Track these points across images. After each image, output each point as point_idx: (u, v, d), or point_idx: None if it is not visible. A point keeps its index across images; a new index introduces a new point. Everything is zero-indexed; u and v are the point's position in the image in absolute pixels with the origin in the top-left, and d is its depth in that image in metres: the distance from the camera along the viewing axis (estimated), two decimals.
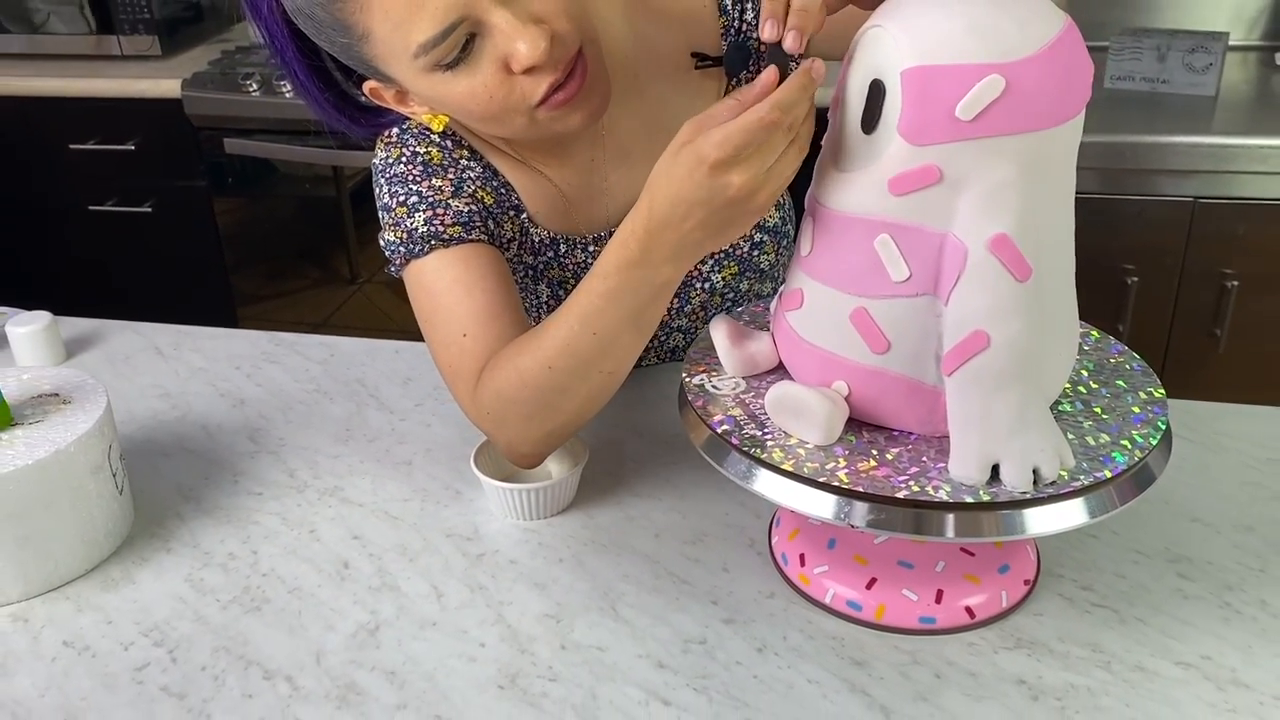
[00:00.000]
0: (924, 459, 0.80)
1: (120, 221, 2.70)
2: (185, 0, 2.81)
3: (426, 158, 1.07)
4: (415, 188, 1.05)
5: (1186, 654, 0.85)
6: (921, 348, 0.79)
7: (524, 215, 1.11)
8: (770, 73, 0.78)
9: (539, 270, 1.15)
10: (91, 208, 2.69)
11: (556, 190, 1.11)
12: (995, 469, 0.77)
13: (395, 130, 1.09)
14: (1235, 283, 2.07)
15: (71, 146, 2.62)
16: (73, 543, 0.96)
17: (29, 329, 1.29)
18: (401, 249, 1.04)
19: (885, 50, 0.75)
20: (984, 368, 0.75)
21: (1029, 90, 0.72)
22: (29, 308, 1.37)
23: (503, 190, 1.09)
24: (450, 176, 1.06)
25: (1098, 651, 0.85)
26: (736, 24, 1.11)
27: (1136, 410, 0.84)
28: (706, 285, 1.18)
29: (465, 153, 1.09)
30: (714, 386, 0.90)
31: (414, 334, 1.22)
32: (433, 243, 1.02)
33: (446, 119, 1.03)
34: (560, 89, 0.94)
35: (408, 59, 0.92)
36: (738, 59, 1.09)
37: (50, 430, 0.95)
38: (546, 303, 1.17)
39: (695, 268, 1.15)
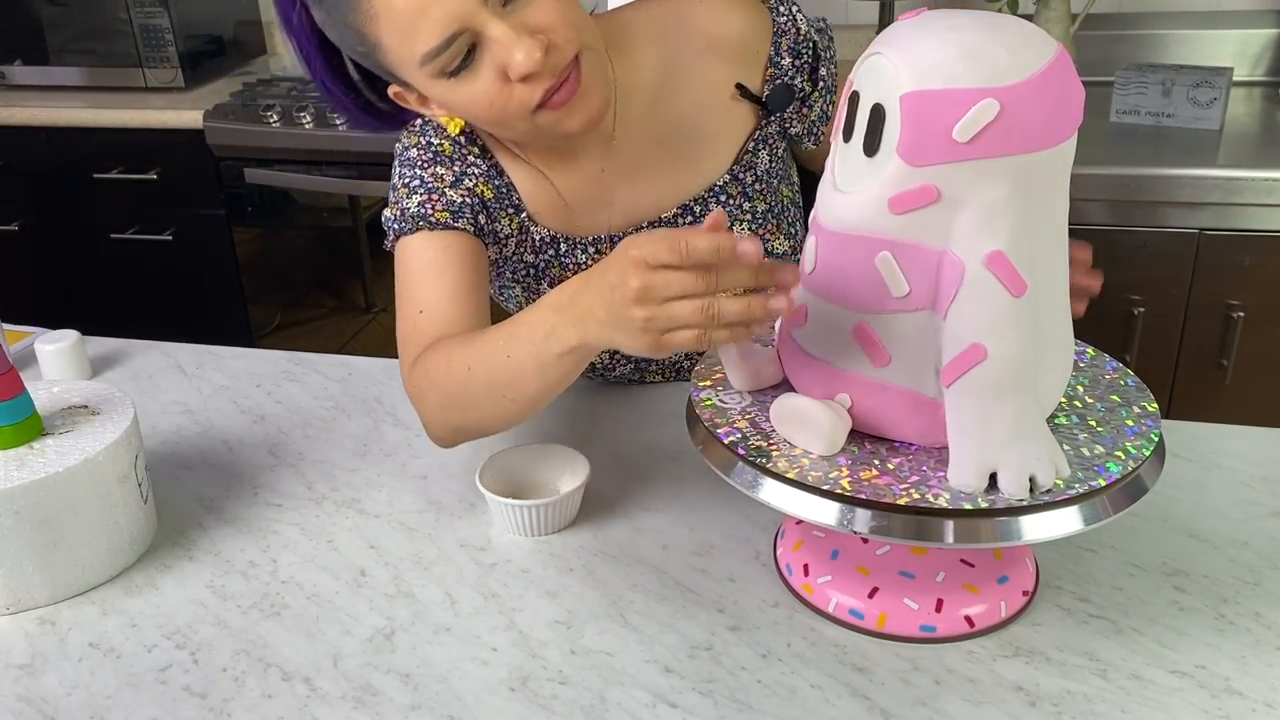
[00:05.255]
0: (924, 468, 0.83)
1: (141, 249, 2.75)
2: (208, 34, 2.87)
3: (438, 148, 1.14)
4: (419, 172, 1.13)
5: (1181, 663, 0.87)
6: (921, 361, 0.82)
7: (524, 214, 1.17)
8: (716, 215, 0.82)
9: (540, 269, 1.20)
10: (114, 235, 2.73)
11: (558, 196, 1.17)
12: (993, 477, 0.80)
13: (419, 121, 1.17)
14: (1241, 314, 2.08)
15: (95, 175, 2.67)
16: (99, 549, 0.99)
17: (57, 346, 1.32)
18: (395, 225, 1.12)
19: (885, 76, 0.79)
20: (981, 379, 0.78)
21: (1022, 114, 0.75)
22: (55, 329, 1.40)
23: (504, 189, 1.15)
24: (455, 168, 1.13)
25: (1094, 660, 0.87)
26: (784, 78, 1.18)
27: (1130, 423, 0.87)
28: None
29: (476, 149, 1.15)
30: (721, 401, 0.92)
31: None
32: (420, 223, 1.10)
33: (462, 122, 1.11)
34: (555, 93, 1.00)
35: (414, 66, 0.99)
36: (783, 98, 1.16)
37: (80, 440, 0.99)
38: None
39: None
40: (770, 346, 0.95)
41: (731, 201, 1.19)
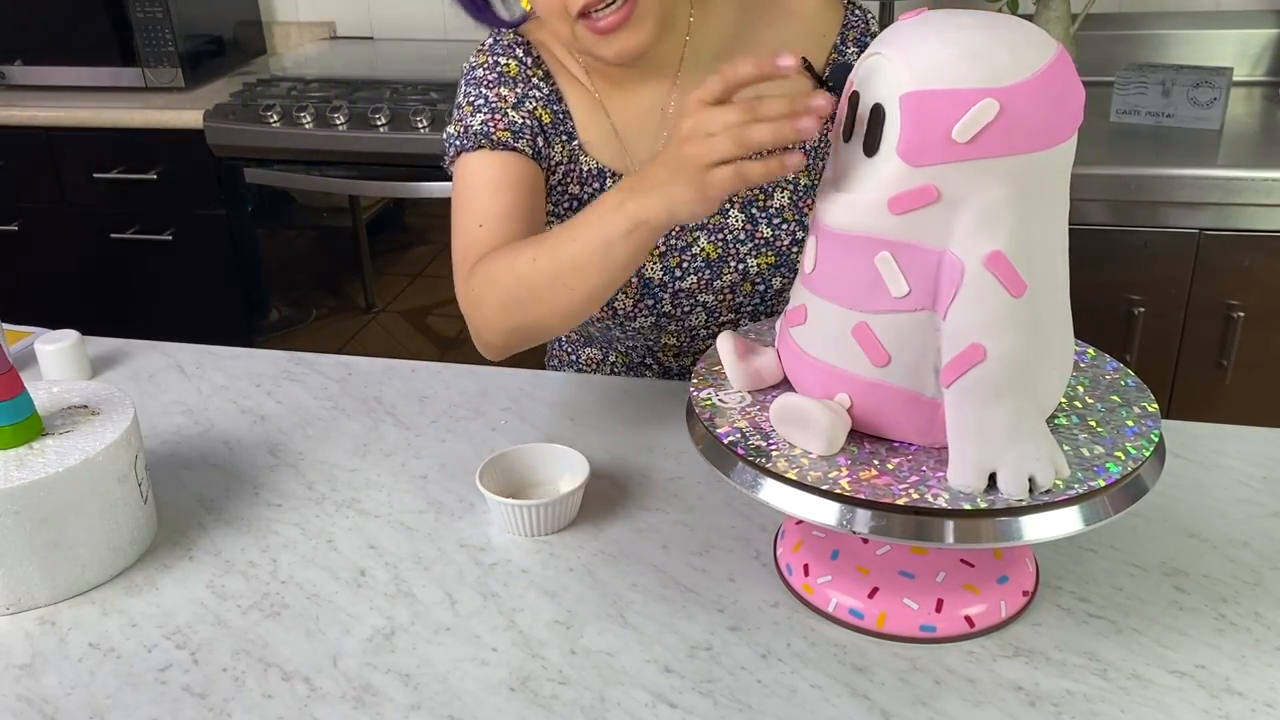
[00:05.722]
0: (924, 468, 0.83)
1: (141, 249, 2.75)
2: (208, 34, 2.87)
3: (504, 69, 1.21)
4: (485, 91, 1.19)
5: (1181, 663, 0.87)
6: (920, 361, 0.82)
7: (575, 142, 1.22)
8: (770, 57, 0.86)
9: (583, 202, 1.24)
10: (114, 235, 2.73)
11: (611, 127, 1.23)
12: (992, 478, 0.80)
13: (489, 40, 1.24)
14: (1241, 314, 2.08)
15: (95, 175, 2.67)
16: (99, 549, 0.99)
17: (57, 347, 1.32)
18: (456, 142, 1.18)
19: (884, 76, 0.79)
20: (981, 379, 0.78)
21: (1022, 114, 0.75)
22: (55, 329, 1.40)
23: (561, 115, 1.21)
24: (518, 90, 1.20)
25: (1094, 660, 0.87)
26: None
27: (1130, 424, 0.87)
28: (740, 266, 1.25)
29: (540, 73, 1.21)
30: (720, 401, 0.92)
31: (428, 359, 1.25)
32: (481, 141, 1.16)
33: (528, 4, 1.17)
34: (603, 18, 1.08)
35: None
36: (844, 77, 1.21)
37: (80, 440, 0.99)
38: None
39: (732, 247, 1.23)
40: (770, 346, 0.95)
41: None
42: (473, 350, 1.14)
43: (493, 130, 1.15)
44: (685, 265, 1.24)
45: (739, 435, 0.87)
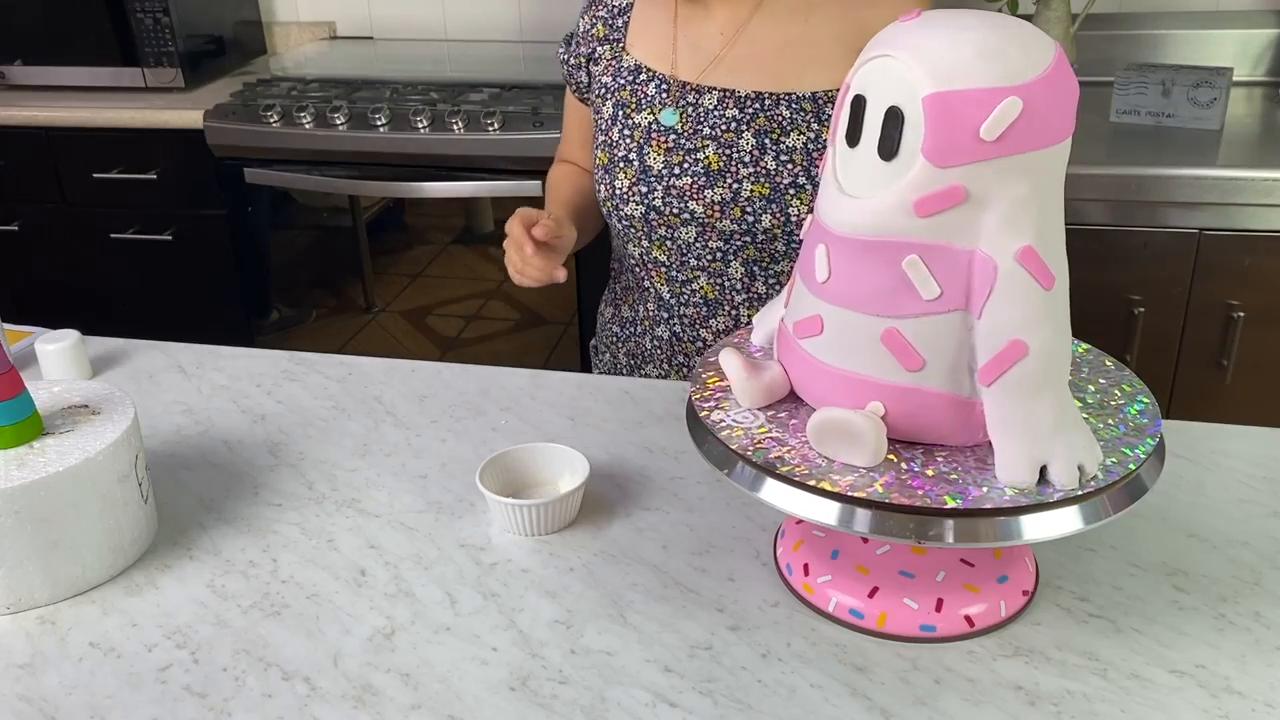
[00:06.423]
0: (967, 468, 0.82)
1: (141, 249, 2.75)
2: (208, 34, 2.87)
3: None
4: (578, 20, 1.45)
5: (1181, 662, 0.87)
6: (956, 361, 0.81)
7: (622, 44, 1.40)
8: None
9: (611, 91, 1.39)
10: (114, 235, 2.73)
11: (673, 36, 1.36)
12: (1042, 470, 0.80)
13: None
14: (1241, 314, 2.08)
15: (95, 175, 2.67)
16: (100, 549, 0.99)
17: (57, 346, 1.32)
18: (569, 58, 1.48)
19: (898, 78, 0.78)
20: (1024, 375, 0.78)
21: (1040, 110, 0.76)
22: (55, 329, 1.40)
23: (620, 26, 1.40)
24: (593, 13, 1.43)
25: (1094, 659, 0.87)
26: None
27: (1126, 404, 0.88)
28: (735, 186, 1.31)
29: None
30: (735, 420, 0.90)
31: (428, 359, 1.25)
32: (568, 73, 1.47)
33: None
34: None
35: None
36: None
37: (80, 439, 0.99)
38: (609, 119, 1.39)
39: (734, 166, 1.31)
40: (769, 360, 0.94)
41: (802, 118, 1.30)
42: (472, 350, 1.15)
43: (567, 64, 1.46)
44: (686, 165, 1.33)
45: (781, 461, 0.84)
